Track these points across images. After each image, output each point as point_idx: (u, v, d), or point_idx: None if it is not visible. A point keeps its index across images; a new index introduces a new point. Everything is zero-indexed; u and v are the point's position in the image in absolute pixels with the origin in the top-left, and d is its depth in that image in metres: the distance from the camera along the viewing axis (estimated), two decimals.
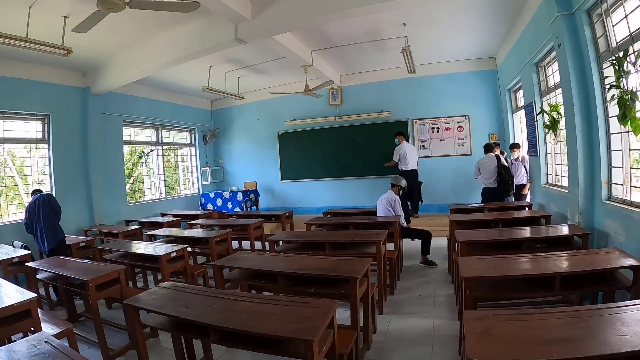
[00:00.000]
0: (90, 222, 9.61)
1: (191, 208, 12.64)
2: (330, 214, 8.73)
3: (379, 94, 11.97)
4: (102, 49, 8.28)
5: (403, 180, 7.83)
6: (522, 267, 3.68)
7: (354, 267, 4.06)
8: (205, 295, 3.47)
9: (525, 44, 7.85)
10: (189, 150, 13.95)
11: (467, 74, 11.20)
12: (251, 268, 4.45)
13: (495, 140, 10.53)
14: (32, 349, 2.60)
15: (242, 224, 8.15)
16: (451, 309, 5.40)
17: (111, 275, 4.70)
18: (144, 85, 11.21)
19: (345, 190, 12.55)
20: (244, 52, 9.14)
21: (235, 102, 13.23)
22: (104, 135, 10.09)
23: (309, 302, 3.11)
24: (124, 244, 6.73)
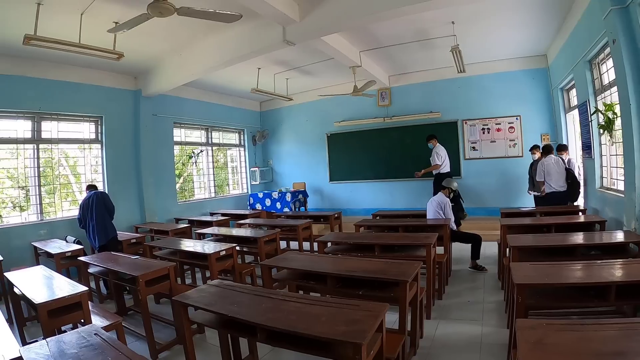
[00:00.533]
0: (141, 219, 9.90)
1: (240, 208, 12.78)
2: (379, 215, 8.64)
3: (428, 94, 11.78)
4: (153, 53, 8.52)
5: (454, 183, 7.64)
6: (577, 275, 3.50)
7: (403, 270, 3.96)
8: (254, 295, 3.47)
9: (577, 40, 7.51)
10: (238, 150, 14.15)
11: (517, 72, 10.84)
12: (300, 269, 4.42)
13: (548, 142, 10.20)
14: (82, 341, 2.69)
15: (291, 224, 8.18)
16: (500, 316, 5.20)
17: (161, 271, 4.79)
18: (194, 88, 11.44)
19: (393, 192, 12.41)
20: (292, 54, 9.18)
21: (283, 103, 13.24)
22: (155, 136, 10.35)
23: (358, 304, 3.06)
24: (174, 241, 6.85)
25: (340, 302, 3.17)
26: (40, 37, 5.64)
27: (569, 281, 3.40)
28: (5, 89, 7.59)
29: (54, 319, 3.71)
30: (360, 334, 2.52)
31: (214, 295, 3.52)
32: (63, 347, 2.61)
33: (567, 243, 4.83)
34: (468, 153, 11.46)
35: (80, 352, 2.54)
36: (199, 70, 8.68)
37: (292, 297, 3.37)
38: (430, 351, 4.41)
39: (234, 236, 7.21)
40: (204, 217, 10.31)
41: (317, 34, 7.05)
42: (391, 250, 5.66)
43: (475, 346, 4.44)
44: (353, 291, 4.01)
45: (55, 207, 8.60)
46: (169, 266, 4.87)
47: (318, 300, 3.25)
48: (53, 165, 8.70)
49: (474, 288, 6.47)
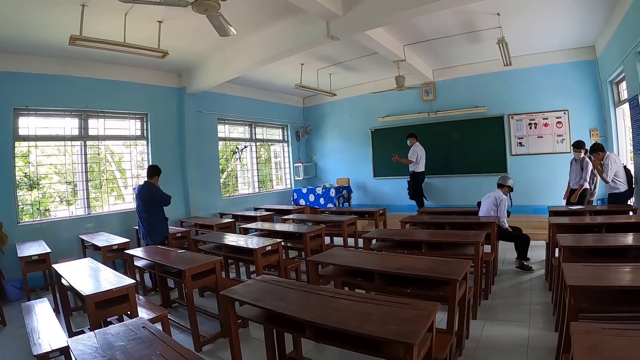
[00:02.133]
0: (186, 213, 10.08)
1: (283, 203, 12.81)
2: (425, 212, 8.54)
3: (473, 88, 11.54)
4: (197, 51, 8.62)
5: (510, 180, 7.41)
6: (631, 278, 3.34)
7: (453, 268, 3.89)
8: (302, 291, 3.44)
9: (627, 30, 7.16)
10: (282, 146, 14.23)
11: (564, 65, 10.44)
12: (347, 265, 4.40)
13: (597, 137, 9.99)
14: (130, 334, 2.74)
15: (336, 220, 8.14)
16: (548, 319, 5.05)
17: (207, 265, 4.83)
18: (237, 84, 11.57)
19: (438, 189, 12.22)
20: (335, 49, 9.13)
21: (326, 98, 13.27)
22: (200, 132, 10.50)
23: (409, 303, 2.99)
24: (219, 235, 6.91)
25: (389, 300, 3.11)
26: (86, 37, 5.77)
27: (623, 284, 3.26)
28: (53, 89, 7.84)
29: (101, 311, 3.77)
30: (412, 334, 2.46)
31: (261, 291, 3.51)
32: (110, 339, 2.65)
33: (619, 244, 4.63)
34: (515, 149, 11.16)
35: (128, 344, 2.58)
36: (243, 67, 8.74)
37: (341, 294, 3.33)
38: (475, 352, 4.33)
39: (279, 231, 7.20)
40: (247, 212, 10.36)
41: (360, 29, 6.98)
42: (438, 247, 5.57)
43: (522, 349, 4.33)
44: (400, 289, 3.97)
45: (102, 202, 8.87)
46: (215, 260, 4.89)
47: (367, 298, 3.20)
48: (99, 161, 8.95)
49: (520, 289, 6.32)
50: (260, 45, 8.06)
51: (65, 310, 5.23)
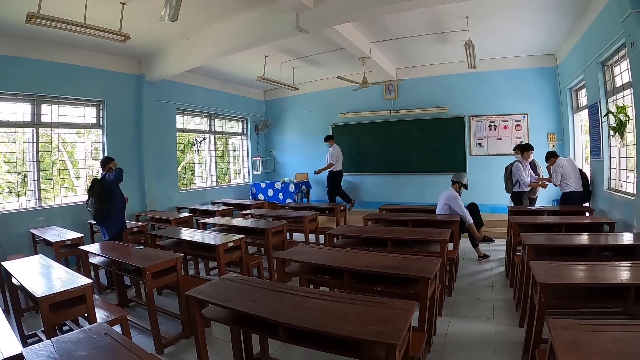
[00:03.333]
0: (142, 207, 9.72)
1: (241, 197, 12.62)
2: (386, 209, 8.53)
3: (436, 88, 11.66)
4: (159, 36, 8.29)
5: (464, 178, 7.67)
6: (597, 276, 3.48)
7: (424, 266, 3.87)
8: (272, 290, 3.31)
9: (590, 40, 7.44)
10: (241, 139, 13.97)
11: (526, 70, 10.78)
12: (316, 263, 4.30)
13: (554, 141, 10.46)
14: (91, 341, 2.53)
15: (297, 216, 8.01)
16: (511, 315, 5.22)
17: (168, 263, 4.63)
18: (198, 74, 11.28)
19: (398, 186, 12.30)
20: (301, 43, 9.02)
21: (288, 92, 13.12)
22: (158, 122, 10.16)
23: (385, 302, 2.93)
24: (178, 231, 6.64)
25: (365, 299, 3.04)
26: (44, 15, 5.36)
27: (592, 282, 3.43)
28: (5, 71, 7.36)
29: (56, 313, 3.52)
30: (393, 334, 2.42)
31: (229, 291, 3.36)
32: (70, 348, 2.43)
33: (582, 243, 4.85)
34: (474, 149, 11.41)
35: (90, 354, 2.38)
36: (207, 56, 8.49)
37: (314, 294, 3.23)
38: (444, 348, 4.36)
39: (240, 227, 7.02)
40: (205, 207, 10.16)
41: (330, 23, 6.88)
42: (403, 245, 5.57)
43: (489, 344, 4.43)
44: (370, 287, 3.92)
45: (54, 194, 8.43)
46: (176, 258, 4.71)
47: (342, 297, 3.10)
48: (51, 150, 8.51)
49: (482, 285, 6.49)
50: (226, 34, 7.83)
51: (16, 311, 4.91)
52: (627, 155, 6.57)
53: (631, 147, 6.22)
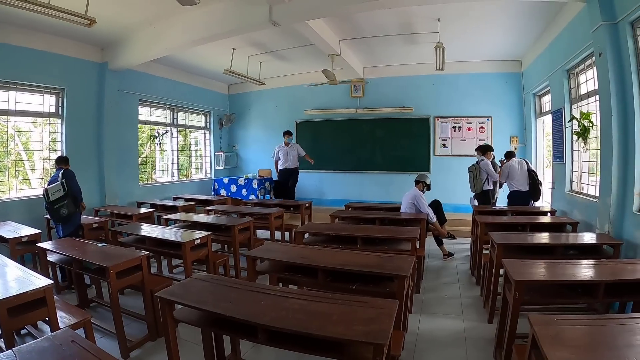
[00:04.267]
0: (101, 202, 9.32)
1: (203, 193, 12.33)
2: (352, 207, 8.54)
3: (402, 89, 11.74)
4: (125, 22, 7.92)
5: (428, 178, 7.82)
6: (568, 273, 3.62)
7: (400, 264, 3.87)
8: (248, 290, 3.19)
9: (558, 49, 7.77)
10: (203, 133, 13.66)
11: (492, 75, 11.05)
12: (289, 261, 4.19)
13: (516, 144, 10.75)
14: (57, 351, 2.28)
15: (263, 212, 7.90)
16: (479, 311, 5.39)
17: (133, 261, 4.40)
18: (162, 65, 10.95)
19: (363, 184, 12.33)
20: (271, 37, 8.90)
21: (253, 87, 12.84)
22: (119, 113, 9.79)
23: (366, 301, 2.89)
24: (141, 227, 6.38)
25: (345, 298, 2.98)
26: None
27: (565, 279, 3.56)
28: None
29: (15, 318, 3.26)
30: (380, 334, 2.39)
31: (203, 291, 3.21)
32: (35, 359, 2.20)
33: (549, 242, 5.09)
34: (438, 149, 11.57)
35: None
36: (174, 46, 8.23)
37: (293, 294, 3.14)
38: (417, 346, 4.41)
39: (204, 223, 6.82)
40: (167, 202, 9.89)
41: (304, 17, 6.83)
42: (372, 243, 5.57)
43: (460, 341, 4.56)
44: (344, 286, 3.89)
45: (8, 187, 7.94)
46: (142, 256, 4.49)
47: (322, 297, 3.01)
48: (7, 140, 8.06)
49: (449, 283, 6.68)
50: (196, 24, 7.60)
51: None
52: (589, 160, 6.81)
53: (594, 152, 6.47)
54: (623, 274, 3.59)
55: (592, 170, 6.76)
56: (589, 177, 6.88)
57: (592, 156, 6.63)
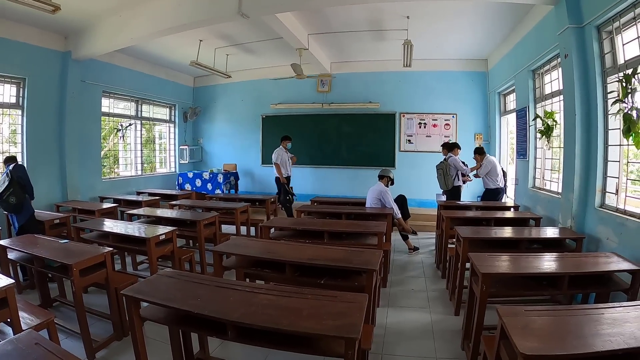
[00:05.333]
0: (63, 197, 9.03)
1: (167, 187, 12.20)
2: (318, 202, 8.56)
3: (369, 84, 11.83)
4: (90, 10, 7.64)
5: (392, 172, 7.85)
6: (533, 266, 3.77)
7: (368, 258, 3.89)
8: (216, 286, 3.14)
9: (523, 49, 8.06)
10: (168, 126, 13.42)
11: (458, 73, 11.29)
12: (257, 256, 4.17)
13: (481, 141, 11.01)
14: (21, 354, 2.17)
15: (228, 207, 7.81)
16: (446, 304, 5.51)
17: (97, 258, 4.24)
18: (127, 55, 10.71)
19: (328, 179, 12.37)
20: (239, 29, 8.83)
21: (219, 80, 12.75)
22: (82, 105, 9.49)
23: (336, 295, 2.90)
24: (104, 223, 6.15)
25: (317, 293, 2.97)
26: None
27: (530, 271, 3.72)
28: None
29: None
30: (352, 328, 2.41)
31: (170, 288, 3.13)
32: None
33: (513, 236, 5.24)
34: (404, 145, 11.73)
35: None
36: (140, 35, 7.93)
37: (261, 289, 3.10)
38: (385, 339, 4.46)
39: (169, 218, 6.72)
40: (130, 197, 9.65)
41: (273, 10, 6.76)
42: (338, 237, 5.57)
43: (428, 333, 4.64)
44: (312, 280, 3.88)
45: None
46: (105, 253, 4.33)
47: (291, 292, 2.99)
48: None
49: (415, 276, 6.77)
50: (163, 13, 7.40)
51: None
52: (552, 157, 7.08)
53: (556, 150, 6.74)
54: (586, 267, 3.75)
55: (554, 168, 6.99)
56: (552, 174, 7.11)
57: (555, 154, 6.96)
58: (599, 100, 5.10)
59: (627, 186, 4.80)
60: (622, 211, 4.73)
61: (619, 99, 4.28)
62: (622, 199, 4.84)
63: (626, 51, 4.70)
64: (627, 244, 4.39)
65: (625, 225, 4.45)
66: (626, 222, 4.45)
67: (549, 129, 6.56)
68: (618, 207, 4.84)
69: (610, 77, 5.01)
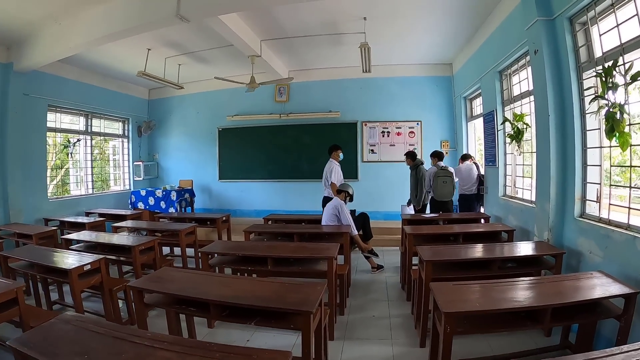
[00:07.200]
0: (5, 219, 8.47)
1: (121, 206, 11.61)
2: (272, 219, 8.09)
3: (328, 93, 11.52)
4: (28, 18, 7.22)
5: (350, 188, 7.44)
6: (507, 298, 3.25)
7: (306, 295, 3.38)
8: (113, 337, 2.65)
9: (489, 50, 7.81)
10: (121, 141, 12.82)
11: (421, 78, 11.06)
12: (176, 294, 3.63)
13: (447, 149, 10.76)
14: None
15: (173, 228, 7.33)
16: (410, 333, 4.93)
17: (6, 295, 3.74)
18: (74, 66, 10.18)
19: (287, 194, 11.95)
20: (187, 36, 8.43)
21: (174, 92, 12.34)
22: (25, 120, 8.91)
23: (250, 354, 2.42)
24: (32, 250, 5.62)
25: (226, 350, 2.48)
26: None
27: (503, 306, 3.14)
28: None
29: None
30: None
31: (60, 341, 2.63)
32: None
33: (484, 256, 4.74)
34: (366, 155, 11.44)
35: None
36: (79, 44, 7.45)
37: (164, 341, 2.61)
38: None
39: (105, 244, 6.15)
40: (77, 218, 9.06)
41: (214, 11, 6.33)
42: (287, 262, 5.08)
43: None
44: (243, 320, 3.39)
45: None
46: (16, 287, 3.84)
47: (197, 347, 2.52)
48: None
49: (376, 300, 6.21)
50: (101, 20, 6.94)
51: None
52: (523, 163, 6.79)
53: (528, 155, 6.55)
54: (571, 293, 3.30)
55: (526, 174, 6.72)
56: (524, 180, 6.85)
57: (527, 159, 6.67)
58: (575, 98, 4.78)
59: (610, 193, 4.43)
60: (605, 221, 4.35)
61: (599, 95, 3.99)
62: (605, 207, 4.48)
63: (604, 42, 4.37)
64: (613, 258, 4.02)
65: (611, 238, 4.06)
66: (611, 233, 4.06)
67: (519, 133, 6.28)
68: (601, 217, 4.48)
69: (586, 72, 4.69)
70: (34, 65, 8.47)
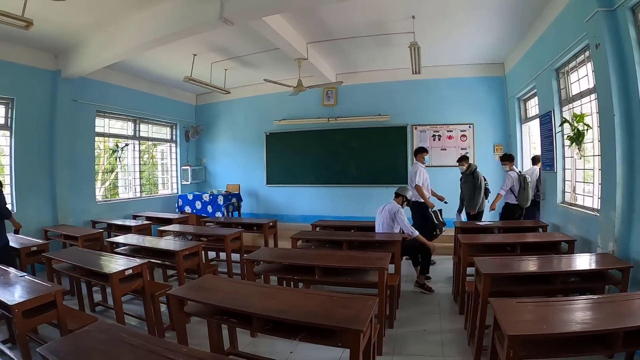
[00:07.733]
0: (53, 221, 8.59)
1: (168, 210, 11.66)
2: (320, 226, 7.87)
3: (377, 95, 11.21)
4: (73, 27, 7.31)
5: (409, 192, 7.04)
6: (575, 318, 2.87)
7: (356, 311, 3.09)
8: (147, 351, 2.47)
9: (544, 47, 7.28)
10: (169, 146, 12.94)
11: (473, 79, 10.59)
12: (216, 304, 3.43)
13: (500, 152, 10.13)
14: None
15: (219, 233, 7.17)
16: (463, 350, 4.51)
17: (44, 298, 3.66)
18: (122, 73, 10.30)
19: (335, 199, 11.71)
20: (233, 41, 8.33)
21: (221, 97, 12.34)
22: (74, 125, 9.11)
23: None
24: (76, 253, 5.59)
25: None
26: None
27: (572, 329, 2.75)
28: None
29: None
30: None
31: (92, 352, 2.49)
32: None
33: (546, 270, 4.27)
34: None
35: None
36: (125, 50, 7.52)
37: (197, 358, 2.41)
38: None
39: (150, 248, 6.07)
40: (125, 221, 9.08)
41: (259, 13, 6.20)
42: (334, 273, 4.81)
43: None
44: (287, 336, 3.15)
45: None
46: (55, 291, 3.74)
47: None
48: None
49: (428, 312, 5.80)
50: (146, 26, 6.97)
51: None
52: (584, 167, 6.42)
53: (589, 159, 6.12)
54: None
55: (587, 179, 6.33)
56: (585, 186, 6.43)
57: (588, 163, 6.24)
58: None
59: None
60: None
61: None
62: None
63: None
64: None
65: None
66: None
67: (579, 135, 5.82)
68: None
69: None
70: (82, 72, 8.63)
